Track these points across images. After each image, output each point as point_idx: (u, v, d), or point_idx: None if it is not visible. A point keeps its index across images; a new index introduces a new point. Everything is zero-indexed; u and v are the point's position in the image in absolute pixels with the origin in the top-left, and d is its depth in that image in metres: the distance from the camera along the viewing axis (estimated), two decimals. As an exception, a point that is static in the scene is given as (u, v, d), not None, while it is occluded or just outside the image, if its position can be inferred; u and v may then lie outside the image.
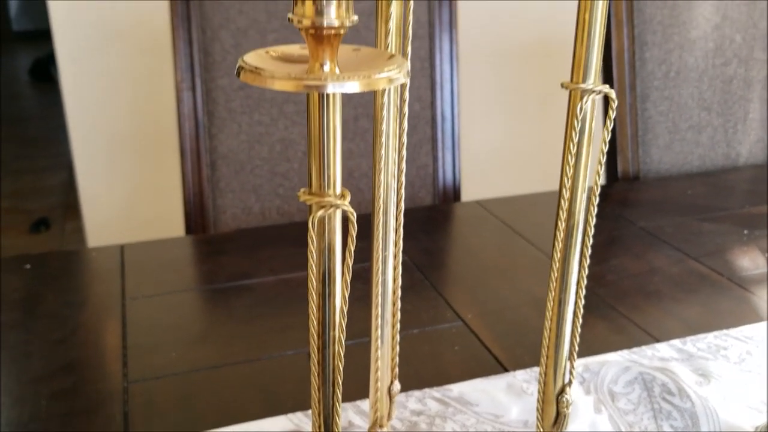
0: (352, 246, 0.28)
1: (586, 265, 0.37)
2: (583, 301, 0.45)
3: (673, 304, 0.73)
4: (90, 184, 1.66)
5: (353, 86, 0.24)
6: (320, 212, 0.28)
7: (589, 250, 0.37)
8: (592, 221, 0.35)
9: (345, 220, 0.28)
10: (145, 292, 0.75)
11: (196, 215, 1.14)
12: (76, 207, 1.74)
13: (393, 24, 0.34)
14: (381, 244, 0.39)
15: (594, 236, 0.90)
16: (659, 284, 0.77)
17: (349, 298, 0.30)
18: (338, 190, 0.28)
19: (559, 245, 0.34)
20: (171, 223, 1.57)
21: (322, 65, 0.26)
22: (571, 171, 0.33)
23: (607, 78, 1.10)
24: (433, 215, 0.97)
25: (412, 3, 0.34)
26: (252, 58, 0.26)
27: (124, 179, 1.67)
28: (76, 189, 1.66)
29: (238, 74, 0.26)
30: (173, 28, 1.10)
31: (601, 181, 1.16)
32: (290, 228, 0.93)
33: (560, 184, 0.34)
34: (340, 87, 0.24)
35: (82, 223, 1.71)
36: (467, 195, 1.30)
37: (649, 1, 1.09)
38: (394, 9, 0.34)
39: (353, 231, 0.28)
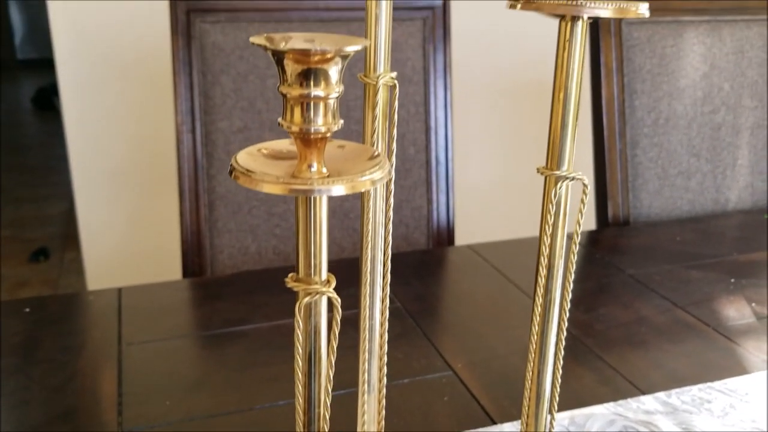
0: (336, 329, 0.30)
1: (563, 338, 0.39)
2: (562, 362, 0.46)
3: (659, 354, 0.75)
4: (90, 216, 1.68)
5: (338, 189, 0.26)
6: (306, 299, 0.29)
7: (566, 323, 0.39)
8: (569, 296, 0.37)
9: (330, 304, 0.30)
10: (141, 338, 0.76)
11: (193, 255, 1.16)
12: (76, 237, 1.75)
13: (380, 110, 0.36)
14: (368, 294, 0.41)
15: (583, 283, 0.92)
16: (646, 334, 0.78)
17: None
18: (324, 277, 0.30)
19: (537, 319, 0.36)
20: (169, 256, 1.59)
21: (309, 166, 0.28)
22: (547, 250, 0.35)
23: (597, 125, 1.13)
24: (426, 260, 0.99)
25: (397, 91, 0.36)
26: (244, 157, 0.28)
27: (124, 211, 1.69)
28: (76, 220, 1.68)
29: (231, 174, 0.28)
30: (174, 72, 1.13)
31: (592, 225, 1.19)
32: (284, 272, 0.95)
33: (537, 262, 0.36)
34: (326, 191, 0.26)
35: (81, 254, 1.73)
36: (461, 235, 1.32)
37: (638, 50, 1.12)
38: (381, 96, 0.36)
39: (338, 316, 0.30)
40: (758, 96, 1.19)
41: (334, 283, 0.30)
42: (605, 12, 0.30)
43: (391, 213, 0.43)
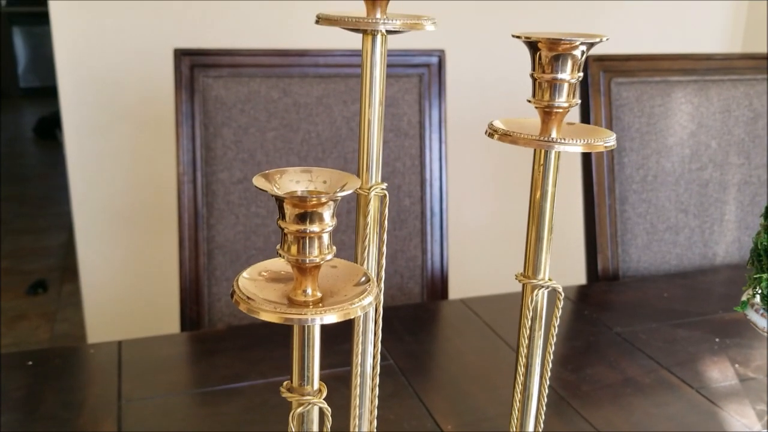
0: (327, 436, 0.32)
1: (541, 421, 0.41)
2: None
3: (644, 418, 0.77)
4: (89, 250, 1.70)
5: (331, 318, 0.29)
6: (299, 409, 0.32)
7: (543, 416, 0.42)
8: (546, 392, 0.39)
9: (322, 414, 0.33)
10: (140, 395, 0.78)
11: (191, 302, 1.18)
12: (74, 269, 1.77)
13: (371, 218, 0.39)
14: (359, 357, 0.43)
15: (572, 341, 0.94)
16: (632, 396, 0.81)
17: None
18: (316, 386, 0.33)
19: (516, 414, 0.38)
20: (167, 295, 1.61)
21: (304, 291, 0.30)
22: (525, 350, 0.37)
23: (587, 181, 1.16)
24: (419, 314, 1.02)
25: (387, 199, 0.39)
26: (245, 282, 0.31)
27: (123, 247, 1.71)
28: (75, 253, 1.70)
29: (232, 297, 0.30)
30: (177, 124, 1.16)
31: (582, 279, 1.21)
32: (279, 327, 0.97)
33: (516, 363, 0.38)
34: (319, 320, 0.29)
35: (80, 287, 1.75)
36: (455, 280, 1.35)
37: (627, 109, 1.16)
38: (372, 206, 0.39)
39: (328, 424, 0.32)
40: (744, 153, 1.23)
41: (325, 393, 0.33)
42: (576, 148, 0.33)
43: (383, 273, 0.45)
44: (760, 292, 0.44)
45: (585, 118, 1.16)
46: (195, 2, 1.58)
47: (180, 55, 1.16)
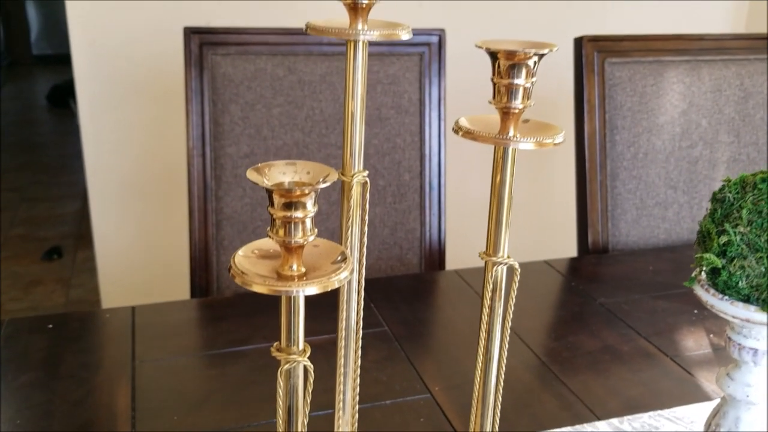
0: (309, 389, 0.38)
1: (500, 386, 0.47)
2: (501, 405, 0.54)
3: (619, 383, 0.83)
4: (103, 219, 1.77)
5: (312, 290, 0.35)
6: (286, 366, 0.38)
7: (503, 375, 0.47)
8: (504, 361, 0.45)
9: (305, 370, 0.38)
10: (152, 356, 0.85)
11: (200, 270, 1.25)
12: (88, 237, 1.83)
13: (354, 202, 0.44)
14: (344, 323, 0.48)
15: (558, 311, 1.00)
16: (609, 363, 0.87)
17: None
18: (301, 347, 0.38)
19: (479, 369, 0.44)
20: (177, 260, 1.67)
21: (290, 266, 0.36)
22: (487, 319, 0.43)
23: (580, 157, 1.20)
24: (415, 285, 1.07)
25: (368, 186, 0.44)
26: (240, 259, 0.36)
27: (136, 216, 1.78)
28: (89, 220, 1.77)
29: (230, 272, 0.36)
30: (187, 100, 1.21)
31: (574, 252, 1.26)
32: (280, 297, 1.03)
33: (479, 330, 0.44)
34: (302, 291, 0.34)
35: (94, 254, 1.82)
36: (453, 252, 1.40)
37: (620, 89, 1.20)
38: (355, 191, 0.44)
39: (311, 379, 0.38)
40: (734, 132, 1.27)
41: (308, 352, 0.39)
42: (528, 146, 0.38)
43: (364, 250, 0.51)
44: (705, 270, 0.49)
45: (579, 96, 1.20)
46: (204, -22, 1.62)
47: (189, 33, 1.20)
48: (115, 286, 1.82)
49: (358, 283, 0.48)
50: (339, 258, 0.37)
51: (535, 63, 0.38)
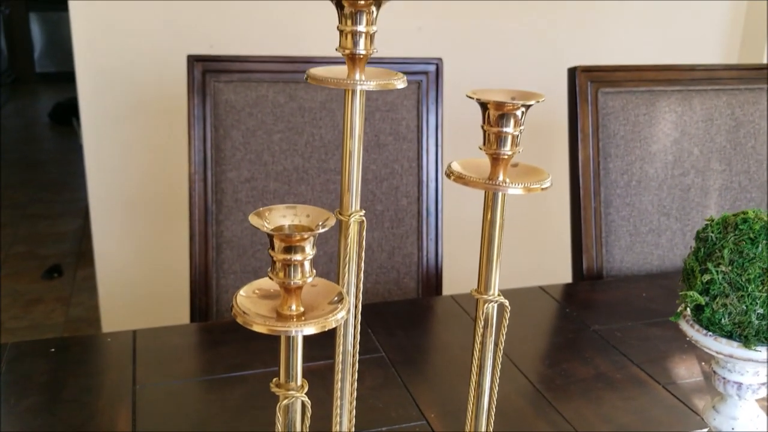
0: (307, 423, 0.40)
1: (492, 417, 0.48)
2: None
3: (611, 410, 0.84)
4: (104, 238, 1.78)
5: (310, 330, 0.36)
6: (285, 401, 0.39)
7: (494, 410, 0.49)
8: (495, 396, 0.47)
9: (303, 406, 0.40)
10: (152, 381, 0.86)
11: (200, 293, 1.26)
12: (88, 255, 1.85)
13: (351, 240, 0.46)
14: (341, 356, 0.50)
15: (552, 337, 1.02)
16: (602, 390, 0.88)
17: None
18: (299, 383, 0.40)
19: (471, 400, 0.45)
20: (177, 282, 1.69)
21: (290, 306, 0.38)
22: (478, 354, 0.45)
23: (574, 185, 1.23)
24: (411, 310, 1.09)
25: (365, 224, 0.46)
26: (242, 299, 0.38)
27: (137, 236, 1.79)
28: (90, 239, 1.78)
29: (232, 311, 0.38)
30: (189, 126, 1.24)
31: (569, 277, 1.28)
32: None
33: (471, 365, 0.46)
34: (300, 331, 0.36)
35: (94, 272, 1.83)
36: (451, 277, 1.42)
37: (613, 117, 1.22)
38: (352, 230, 0.46)
39: (308, 413, 0.40)
40: (726, 160, 1.29)
41: (306, 388, 0.40)
42: (516, 191, 0.40)
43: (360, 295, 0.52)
44: (689, 306, 0.51)
45: (573, 125, 1.22)
46: (208, 4, 1.65)
47: (193, 61, 1.23)
48: (115, 306, 1.83)
49: (355, 317, 0.49)
50: (336, 298, 0.39)
51: (522, 113, 0.40)
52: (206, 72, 1.24)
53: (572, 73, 1.22)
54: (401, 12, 1.77)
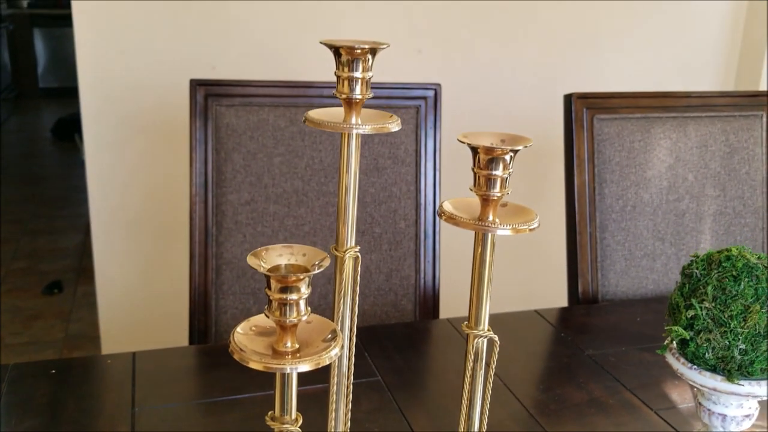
0: (301, 455, 0.41)
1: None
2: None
3: (603, 435, 0.85)
4: (105, 255, 1.79)
5: (304, 367, 0.38)
6: (280, 434, 0.41)
7: (485, 441, 0.50)
8: (486, 417, 0.48)
9: (297, 438, 0.41)
10: (151, 403, 0.87)
11: (199, 314, 1.28)
12: (88, 271, 1.86)
13: (346, 275, 0.48)
14: (335, 387, 0.51)
15: (547, 362, 1.03)
16: (594, 415, 0.89)
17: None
18: (293, 416, 0.42)
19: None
20: (177, 301, 1.70)
21: (285, 343, 0.39)
22: (468, 387, 0.46)
23: (570, 210, 1.24)
24: (408, 333, 1.10)
25: (360, 261, 0.48)
26: (239, 336, 0.40)
27: (138, 253, 1.81)
28: (91, 256, 1.79)
29: (229, 348, 0.39)
30: (191, 148, 1.25)
31: (564, 300, 1.30)
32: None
33: (461, 397, 0.47)
34: (295, 369, 0.38)
35: (95, 289, 1.84)
36: (446, 300, 1.43)
37: (608, 144, 1.24)
38: (347, 266, 0.48)
39: (302, 446, 0.41)
40: (720, 186, 1.31)
41: (300, 421, 0.42)
42: (505, 232, 0.41)
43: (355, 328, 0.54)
44: (675, 340, 0.52)
45: (569, 151, 1.24)
46: (210, 26, 1.68)
47: (195, 85, 1.25)
48: (114, 322, 1.84)
49: (349, 349, 0.51)
50: (330, 336, 0.40)
51: (511, 157, 0.42)
52: (208, 96, 1.26)
53: (568, 99, 1.24)
54: (402, 35, 1.80)
